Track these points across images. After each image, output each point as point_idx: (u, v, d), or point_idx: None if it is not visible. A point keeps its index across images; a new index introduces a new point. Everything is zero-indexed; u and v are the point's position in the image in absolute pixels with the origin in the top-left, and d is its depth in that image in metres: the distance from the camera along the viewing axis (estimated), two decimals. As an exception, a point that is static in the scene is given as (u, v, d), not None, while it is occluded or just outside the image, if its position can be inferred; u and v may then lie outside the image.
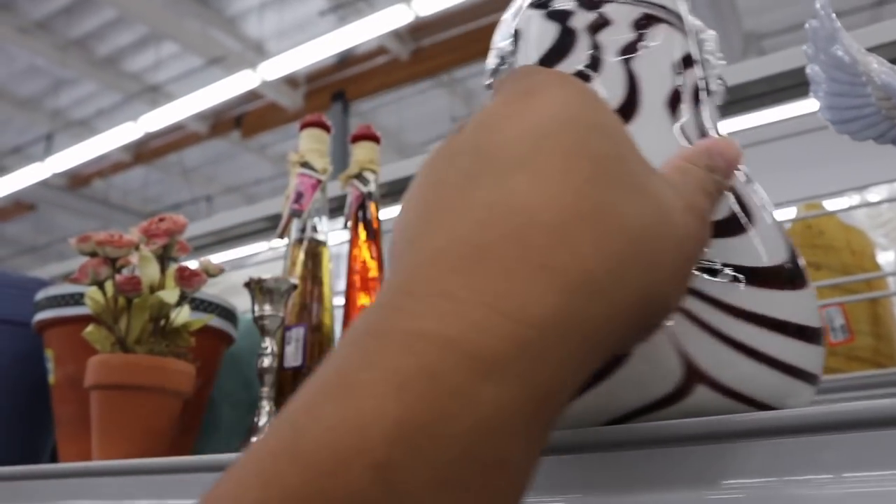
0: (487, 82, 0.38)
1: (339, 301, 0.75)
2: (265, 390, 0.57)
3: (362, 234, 0.75)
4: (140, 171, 7.07)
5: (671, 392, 0.28)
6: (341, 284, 0.78)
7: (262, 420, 0.56)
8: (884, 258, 0.95)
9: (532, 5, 0.36)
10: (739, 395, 0.29)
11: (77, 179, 7.18)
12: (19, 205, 7.37)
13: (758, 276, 0.30)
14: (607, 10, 0.35)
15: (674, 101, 0.34)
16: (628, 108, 0.33)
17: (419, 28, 5.34)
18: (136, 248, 0.53)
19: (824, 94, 0.48)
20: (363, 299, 0.72)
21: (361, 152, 0.77)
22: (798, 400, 0.30)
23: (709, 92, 0.37)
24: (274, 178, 7.48)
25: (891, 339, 0.78)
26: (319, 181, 0.74)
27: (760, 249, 0.31)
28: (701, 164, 0.26)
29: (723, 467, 0.26)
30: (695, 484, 0.26)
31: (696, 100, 0.35)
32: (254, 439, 0.56)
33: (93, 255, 0.52)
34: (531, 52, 0.36)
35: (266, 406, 0.57)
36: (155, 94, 6.01)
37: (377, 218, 0.76)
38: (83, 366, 0.59)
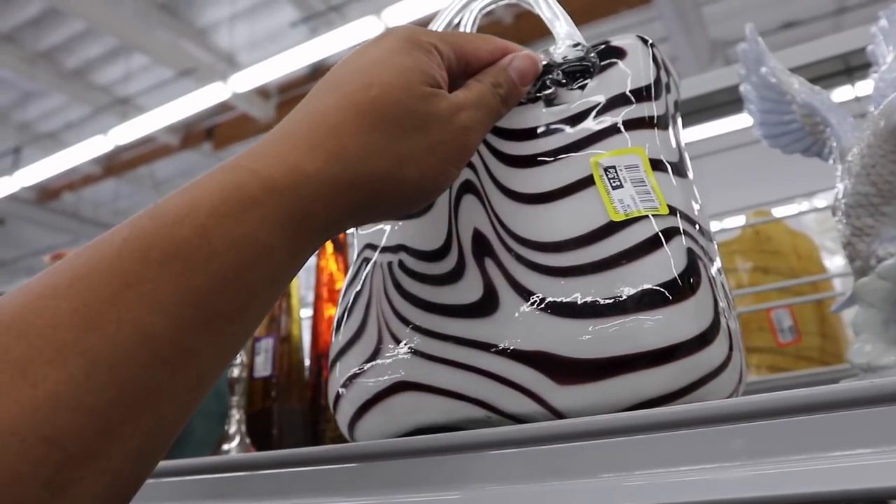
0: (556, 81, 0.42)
1: (309, 312, 0.77)
2: (235, 399, 0.59)
3: (329, 247, 0.77)
4: (110, 184, 7.00)
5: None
6: (312, 295, 0.80)
7: (233, 428, 0.58)
8: (832, 262, 1.00)
9: (640, 39, 0.42)
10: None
11: (46, 193, 7.08)
12: (-13, 219, 7.27)
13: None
14: (671, 80, 0.43)
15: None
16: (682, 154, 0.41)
17: (391, 39, 5.37)
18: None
19: (756, 112, 0.52)
20: (330, 310, 0.74)
21: (328, 167, 0.79)
22: None
23: None
24: (247, 189, 7.44)
25: (836, 338, 0.82)
26: (287, 196, 0.77)
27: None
28: (486, 81, 0.36)
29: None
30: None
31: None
32: (224, 447, 0.58)
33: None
34: (629, 76, 0.41)
35: (236, 415, 0.59)
36: (125, 107, 5.97)
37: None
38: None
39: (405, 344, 0.38)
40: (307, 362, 0.74)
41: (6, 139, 6.36)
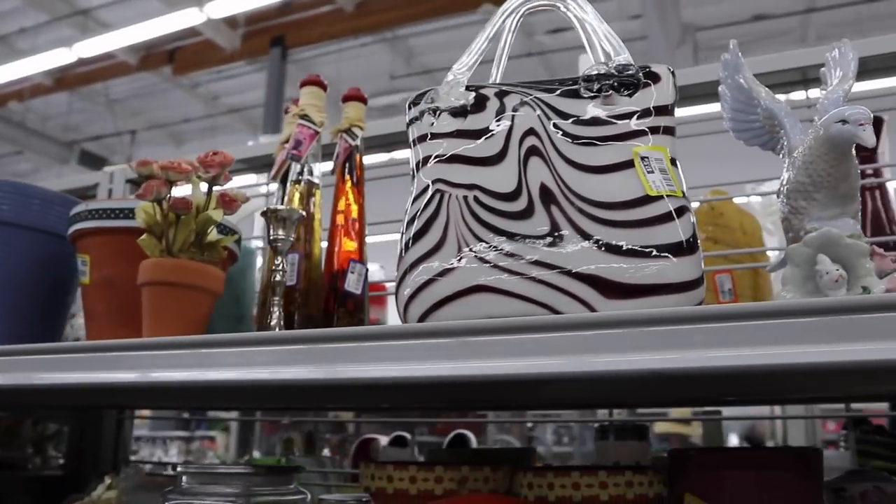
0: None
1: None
2: (276, 299, 0.71)
3: (348, 181, 0.88)
4: (62, 98, 6.81)
5: None
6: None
7: (273, 321, 0.70)
8: (770, 240, 1.16)
9: (669, 70, 0.58)
10: None
11: (-8, 99, 6.84)
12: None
13: None
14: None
15: None
16: None
17: (366, -19, 5.34)
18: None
19: (728, 109, 0.65)
20: (345, 241, 0.85)
21: (352, 111, 0.89)
22: None
23: None
24: (203, 118, 7.32)
25: (766, 300, 0.98)
26: (317, 132, 0.87)
27: None
28: None
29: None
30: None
31: None
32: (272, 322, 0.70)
33: (149, 177, 0.64)
34: (660, 95, 0.57)
35: (276, 311, 0.70)
36: (85, 19, 5.79)
37: (361, 167, 0.89)
38: (118, 269, 0.71)
39: (485, 259, 0.53)
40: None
41: (-46, 38, 6.09)
